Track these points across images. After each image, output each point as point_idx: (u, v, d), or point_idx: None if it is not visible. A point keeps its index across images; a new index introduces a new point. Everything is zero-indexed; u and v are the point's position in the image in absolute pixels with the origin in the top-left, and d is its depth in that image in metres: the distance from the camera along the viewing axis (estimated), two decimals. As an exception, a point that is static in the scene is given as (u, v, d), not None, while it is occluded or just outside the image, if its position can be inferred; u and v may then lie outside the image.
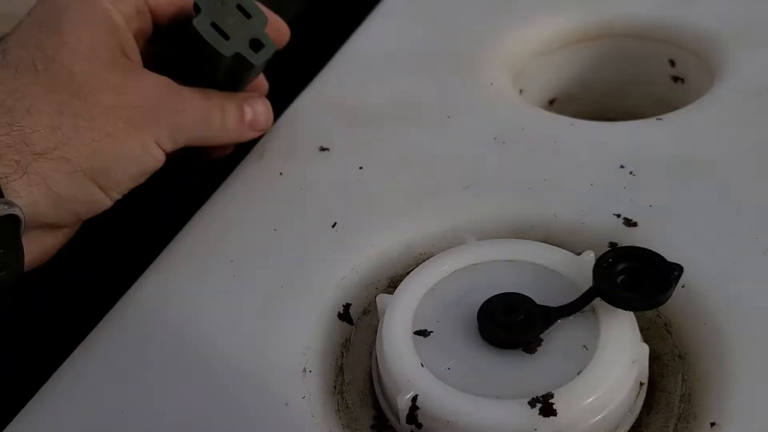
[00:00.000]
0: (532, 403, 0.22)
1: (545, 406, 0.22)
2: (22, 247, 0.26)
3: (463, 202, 0.33)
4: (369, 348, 0.28)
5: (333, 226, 0.32)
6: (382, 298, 0.27)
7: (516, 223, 0.32)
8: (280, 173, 0.36)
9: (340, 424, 0.26)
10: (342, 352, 0.28)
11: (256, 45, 0.32)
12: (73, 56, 0.29)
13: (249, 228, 0.33)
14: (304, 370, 0.27)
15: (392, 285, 0.31)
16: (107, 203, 0.30)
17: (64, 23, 0.29)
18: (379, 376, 0.26)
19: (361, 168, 0.36)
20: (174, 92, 0.32)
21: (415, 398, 0.23)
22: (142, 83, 0.30)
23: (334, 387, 0.27)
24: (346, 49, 0.46)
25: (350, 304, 0.30)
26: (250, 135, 0.36)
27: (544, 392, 0.22)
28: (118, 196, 0.31)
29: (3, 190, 0.25)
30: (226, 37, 0.31)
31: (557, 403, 0.22)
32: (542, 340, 0.24)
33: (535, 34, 0.45)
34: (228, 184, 0.37)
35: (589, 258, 0.27)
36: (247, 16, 0.31)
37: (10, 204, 0.25)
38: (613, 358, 0.23)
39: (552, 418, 0.22)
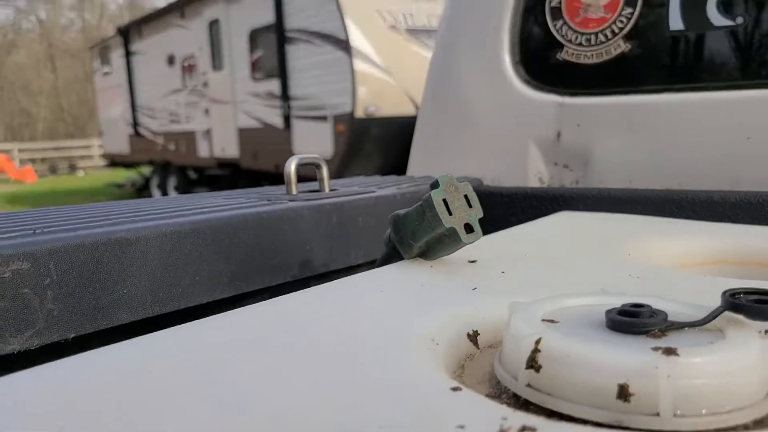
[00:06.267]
0: (656, 348, 0.25)
1: (668, 350, 0.24)
2: None
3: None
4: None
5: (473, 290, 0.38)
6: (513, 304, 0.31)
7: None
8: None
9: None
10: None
11: (468, 229, 0.41)
12: None
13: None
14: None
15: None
16: None
17: None
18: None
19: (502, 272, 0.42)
20: None
21: (538, 341, 0.27)
22: None
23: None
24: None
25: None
26: None
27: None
28: None
29: None
30: (450, 213, 0.40)
31: (681, 351, 0.24)
32: (666, 334, 0.27)
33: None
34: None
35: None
36: (469, 205, 0.41)
37: None
38: (744, 340, 0.26)
39: (674, 357, 0.24)
